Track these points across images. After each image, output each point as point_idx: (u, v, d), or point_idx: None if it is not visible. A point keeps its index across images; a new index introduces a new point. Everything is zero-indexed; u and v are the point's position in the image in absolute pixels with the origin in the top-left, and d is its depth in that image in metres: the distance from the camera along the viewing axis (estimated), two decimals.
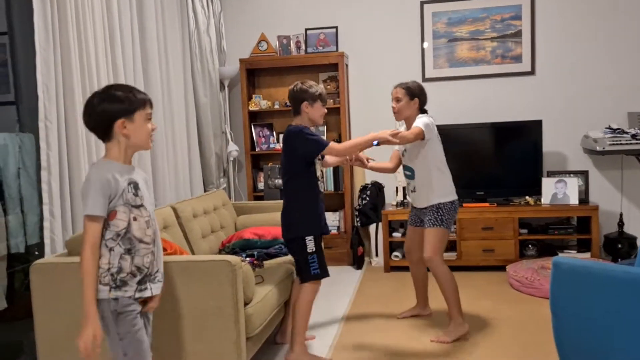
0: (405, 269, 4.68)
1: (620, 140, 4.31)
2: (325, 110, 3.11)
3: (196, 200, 3.76)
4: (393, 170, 3.53)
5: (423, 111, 3.33)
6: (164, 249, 2.90)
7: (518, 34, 4.82)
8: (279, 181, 4.69)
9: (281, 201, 4.40)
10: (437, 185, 3.22)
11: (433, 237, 3.20)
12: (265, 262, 3.48)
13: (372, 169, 3.43)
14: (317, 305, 3.90)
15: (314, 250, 2.95)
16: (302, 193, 2.98)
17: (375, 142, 2.97)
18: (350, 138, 5.13)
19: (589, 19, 4.74)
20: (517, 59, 4.85)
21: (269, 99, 5.18)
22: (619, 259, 4.43)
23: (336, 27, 5.04)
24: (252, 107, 5.06)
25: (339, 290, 4.26)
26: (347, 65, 5.06)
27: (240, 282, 2.57)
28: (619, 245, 4.50)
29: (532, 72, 4.85)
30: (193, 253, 3.40)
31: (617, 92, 4.75)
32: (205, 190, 4.70)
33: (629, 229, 4.72)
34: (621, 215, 4.67)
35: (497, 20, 4.84)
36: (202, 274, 2.56)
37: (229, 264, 2.54)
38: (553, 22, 4.79)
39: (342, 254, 4.99)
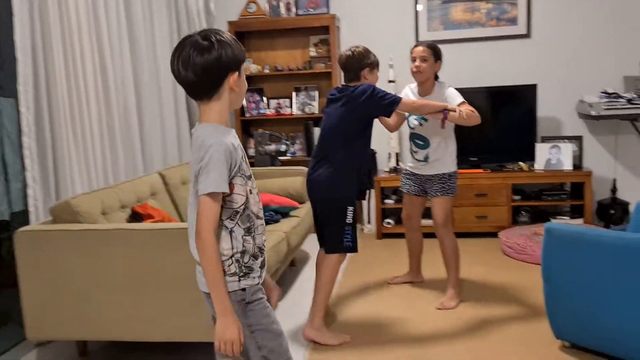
0: (397, 235, 4.66)
1: (615, 105, 4.24)
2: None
3: (185, 167, 3.70)
4: (393, 129, 3.43)
5: (435, 77, 3.25)
6: (151, 216, 2.86)
7: None
8: (271, 147, 4.61)
9: (272, 167, 4.37)
10: (451, 154, 3.25)
11: (445, 204, 3.22)
12: None
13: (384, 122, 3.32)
14: (304, 275, 3.90)
15: (351, 221, 2.83)
16: (354, 159, 2.83)
17: (444, 112, 2.90)
18: None
19: None
20: (513, 21, 4.73)
21: (259, 63, 5.06)
22: (612, 225, 4.43)
23: None
24: None
25: None
26: (338, 28, 4.94)
27: None
28: (612, 211, 4.49)
29: (527, 35, 4.74)
30: (182, 220, 3.35)
31: (613, 55, 4.66)
32: None
33: (622, 194, 4.70)
34: (614, 181, 4.64)
35: None
36: None
37: None
38: None
39: None
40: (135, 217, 2.91)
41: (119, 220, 2.83)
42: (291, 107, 5.07)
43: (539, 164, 4.55)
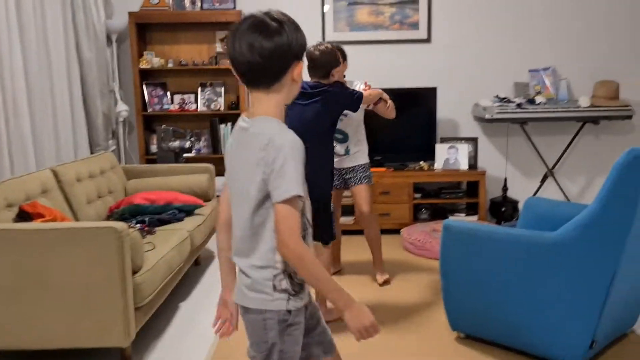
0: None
1: (506, 109, 4.51)
2: None
3: (80, 163, 3.49)
4: None
5: None
6: (41, 215, 2.67)
7: (415, 1, 4.86)
8: (175, 144, 4.47)
9: (176, 165, 4.24)
10: (365, 145, 3.53)
11: (367, 192, 3.45)
12: (157, 228, 3.32)
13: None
14: (209, 274, 3.82)
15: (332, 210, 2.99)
16: (332, 152, 3.02)
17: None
18: (248, 100, 4.98)
19: None
20: (414, 26, 4.91)
21: (162, 56, 4.89)
22: (503, 222, 4.71)
23: None
24: (144, 65, 4.76)
25: None
26: None
27: (127, 250, 2.42)
28: (503, 209, 4.77)
29: (428, 40, 4.94)
30: (77, 220, 3.17)
31: (505, 63, 4.96)
32: (91, 153, 4.39)
33: (512, 193, 5.01)
34: (505, 180, 4.94)
35: None
36: (86, 242, 2.39)
37: (114, 230, 2.38)
38: None
39: None
40: (23, 216, 2.70)
41: (5, 220, 2.62)
42: (196, 102, 4.95)
43: (438, 164, 4.75)
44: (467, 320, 2.71)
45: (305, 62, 1.44)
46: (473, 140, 4.87)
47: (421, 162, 4.80)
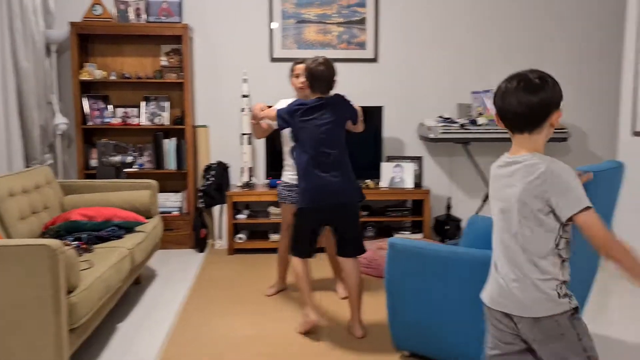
0: (250, 251, 4.62)
1: (450, 129, 4.62)
2: None
3: (14, 177, 3.32)
4: (262, 136, 3.59)
5: None
6: None
7: (363, 21, 4.94)
8: (116, 158, 4.33)
9: (117, 180, 4.11)
10: None
11: None
12: (95, 246, 3.19)
13: None
14: (149, 294, 3.70)
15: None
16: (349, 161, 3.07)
17: None
18: (194, 115, 4.91)
19: (429, 12, 5.01)
20: (362, 45, 4.98)
21: (104, 68, 4.75)
22: (447, 239, 4.79)
23: None
24: (85, 77, 4.61)
25: (178, 275, 4.07)
26: (192, 39, 4.82)
27: (62, 268, 2.31)
28: (447, 227, 4.85)
29: (375, 60, 5.01)
30: (9, 237, 3.00)
31: (449, 84, 5.09)
32: (27, 167, 4.19)
33: (455, 211, 5.12)
34: (449, 199, 5.04)
35: (343, 6, 4.92)
36: (18, 260, 2.27)
37: (47, 248, 2.27)
38: (396, 12, 4.98)
39: (183, 237, 4.78)
40: None
41: None
42: (139, 117, 4.82)
43: (384, 182, 4.80)
44: (411, 338, 2.71)
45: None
46: (418, 159, 4.95)
47: (367, 180, 4.84)
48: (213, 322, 3.20)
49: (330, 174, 2.93)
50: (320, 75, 2.98)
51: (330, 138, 2.96)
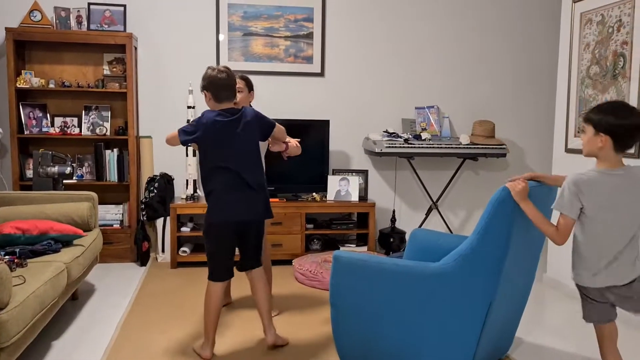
0: (193, 264, 4.53)
1: (395, 144, 4.71)
2: None
3: None
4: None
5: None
6: None
7: (310, 35, 4.98)
8: (54, 169, 4.18)
9: (54, 192, 3.96)
10: (265, 178, 3.49)
11: (267, 226, 3.39)
12: (30, 260, 3.05)
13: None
14: (87, 309, 3.57)
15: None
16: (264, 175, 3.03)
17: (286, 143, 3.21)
18: (137, 125, 4.80)
19: (375, 29, 5.11)
20: (309, 59, 5.01)
21: (42, 76, 4.59)
22: (391, 252, 4.85)
23: (124, 6, 4.66)
24: (21, 85, 4.44)
25: (118, 290, 3.95)
26: (135, 48, 4.72)
27: None
28: (391, 240, 4.92)
29: (322, 74, 5.06)
30: None
31: (394, 99, 5.19)
32: None
33: (400, 224, 5.20)
34: (394, 212, 5.12)
35: (290, 20, 4.95)
36: None
37: None
38: (342, 28, 5.06)
39: (125, 250, 4.65)
40: None
41: None
42: (80, 126, 4.68)
43: (330, 195, 4.83)
44: (356, 350, 2.72)
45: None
46: (363, 173, 5.01)
47: (313, 193, 4.85)
48: (154, 337, 3.12)
49: (254, 190, 2.91)
50: (225, 83, 2.82)
51: (247, 155, 2.90)
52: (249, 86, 3.42)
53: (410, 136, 4.83)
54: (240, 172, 2.82)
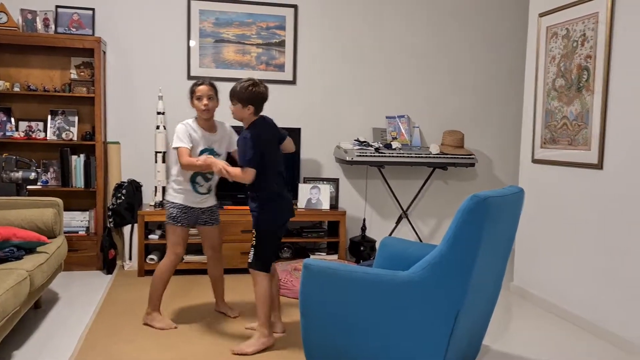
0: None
1: (366, 153, 4.73)
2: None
3: None
4: None
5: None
6: None
7: (282, 43, 4.99)
8: (18, 174, 4.07)
9: (18, 197, 3.87)
10: None
11: (221, 232, 3.58)
12: None
13: None
14: (50, 318, 3.49)
15: None
16: None
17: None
18: (105, 131, 4.72)
19: (347, 38, 5.14)
20: (281, 67, 5.02)
21: (7, 79, 4.48)
22: (361, 261, 4.86)
23: (93, 9, 4.60)
24: None
25: (83, 298, 3.86)
26: (104, 53, 4.66)
27: None
28: (362, 248, 4.94)
29: (293, 82, 5.06)
30: None
31: (364, 108, 5.23)
32: None
33: (370, 233, 5.22)
34: (364, 220, 5.14)
35: (262, 28, 4.95)
36: None
37: None
38: (314, 37, 5.08)
39: (90, 258, 4.56)
40: None
41: None
42: (45, 131, 4.58)
43: (301, 203, 4.82)
44: (325, 358, 2.71)
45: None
46: (334, 181, 5.02)
47: None
48: (120, 347, 3.05)
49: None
50: (265, 96, 3.20)
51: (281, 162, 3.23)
52: (216, 93, 3.44)
53: (381, 145, 4.86)
54: None
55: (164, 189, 4.60)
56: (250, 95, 3.08)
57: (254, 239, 3.08)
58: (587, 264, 3.55)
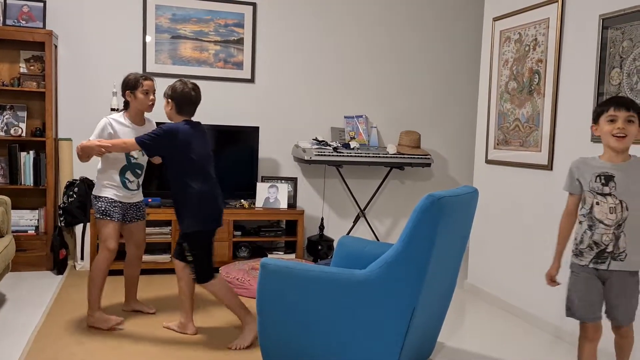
0: (114, 272, 4.36)
1: (324, 152, 4.74)
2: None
3: None
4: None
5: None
6: None
7: (240, 41, 4.95)
8: None
9: None
10: None
11: (145, 228, 3.56)
12: None
13: None
14: (4, 313, 3.36)
15: None
16: None
17: None
18: (56, 127, 4.59)
19: (305, 37, 5.14)
20: (239, 65, 4.98)
21: None
22: (319, 260, 4.88)
23: (44, 2, 4.45)
24: None
25: (32, 300, 3.74)
26: (56, 47, 4.52)
27: None
28: (320, 247, 4.95)
29: (252, 80, 5.03)
30: None
31: (323, 107, 5.24)
32: None
33: (328, 232, 5.24)
34: (322, 219, 5.15)
35: (221, 25, 4.90)
36: None
37: None
38: (273, 35, 5.06)
39: (40, 258, 4.41)
40: None
41: None
42: None
43: (259, 202, 4.80)
44: (281, 357, 2.71)
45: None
46: (293, 180, 5.02)
47: (242, 200, 4.81)
48: (71, 349, 2.97)
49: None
50: (195, 99, 3.15)
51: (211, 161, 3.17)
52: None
53: (339, 145, 4.89)
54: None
55: None
56: (173, 93, 3.09)
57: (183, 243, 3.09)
58: (536, 262, 3.66)
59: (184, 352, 2.99)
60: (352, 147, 4.89)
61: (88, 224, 4.38)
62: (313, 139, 4.96)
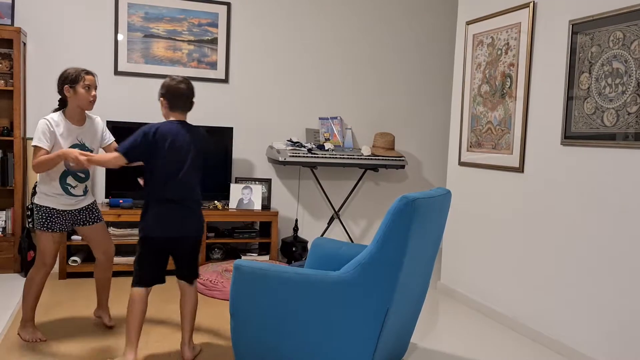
0: (84, 275, 4.29)
1: (299, 153, 4.74)
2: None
3: None
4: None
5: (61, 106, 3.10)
6: None
7: (214, 41, 4.91)
8: None
9: None
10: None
11: (107, 231, 3.30)
12: None
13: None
14: None
15: None
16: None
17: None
18: (26, 126, 4.49)
19: (280, 38, 5.13)
20: (213, 65, 4.94)
21: None
22: (293, 261, 4.86)
23: None
24: None
25: None
26: (24, 44, 4.42)
27: None
28: (294, 249, 4.93)
29: (226, 80, 5.00)
30: None
31: (297, 108, 5.24)
32: None
33: (302, 233, 5.23)
34: (296, 221, 5.14)
35: (194, 24, 4.85)
36: None
37: None
38: (247, 35, 5.03)
39: (7, 260, 4.31)
40: None
41: None
42: None
43: (233, 203, 4.77)
44: (255, 359, 2.69)
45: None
46: (267, 182, 5.00)
47: (215, 202, 4.77)
48: (39, 354, 2.90)
49: (190, 208, 2.93)
50: (186, 94, 2.88)
51: (191, 170, 2.93)
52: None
53: (313, 146, 4.88)
54: None
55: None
56: (162, 90, 2.86)
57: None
58: (508, 263, 3.71)
59: None
60: (326, 148, 4.89)
61: None
62: (287, 140, 4.94)
